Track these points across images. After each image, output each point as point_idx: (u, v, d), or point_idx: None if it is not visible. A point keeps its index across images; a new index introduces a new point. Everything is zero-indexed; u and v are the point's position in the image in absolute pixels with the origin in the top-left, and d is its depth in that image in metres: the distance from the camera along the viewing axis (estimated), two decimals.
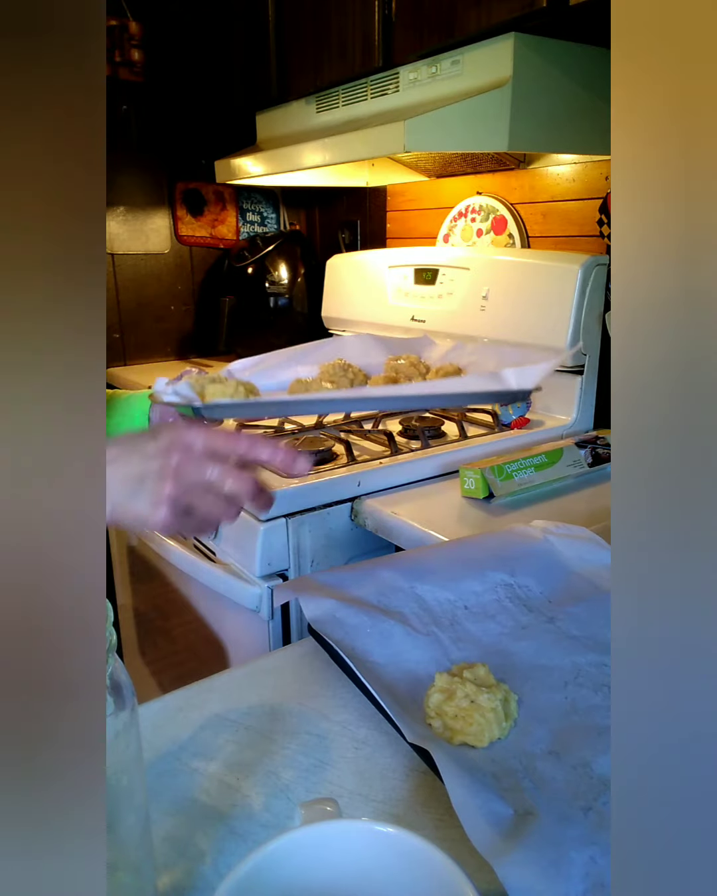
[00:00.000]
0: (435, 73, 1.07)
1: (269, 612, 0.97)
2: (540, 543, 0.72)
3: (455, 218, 1.54)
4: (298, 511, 0.97)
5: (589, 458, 1.07)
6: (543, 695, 0.54)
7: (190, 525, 0.52)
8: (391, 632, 0.60)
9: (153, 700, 0.58)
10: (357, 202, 1.83)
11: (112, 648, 0.34)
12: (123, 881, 0.38)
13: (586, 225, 1.30)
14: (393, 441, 1.10)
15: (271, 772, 0.50)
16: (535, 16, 0.91)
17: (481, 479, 0.96)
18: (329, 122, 1.29)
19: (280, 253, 1.81)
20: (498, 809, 0.42)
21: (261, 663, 0.63)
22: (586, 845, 0.40)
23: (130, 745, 0.36)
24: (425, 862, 0.33)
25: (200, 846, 0.44)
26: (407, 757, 0.51)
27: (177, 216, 1.87)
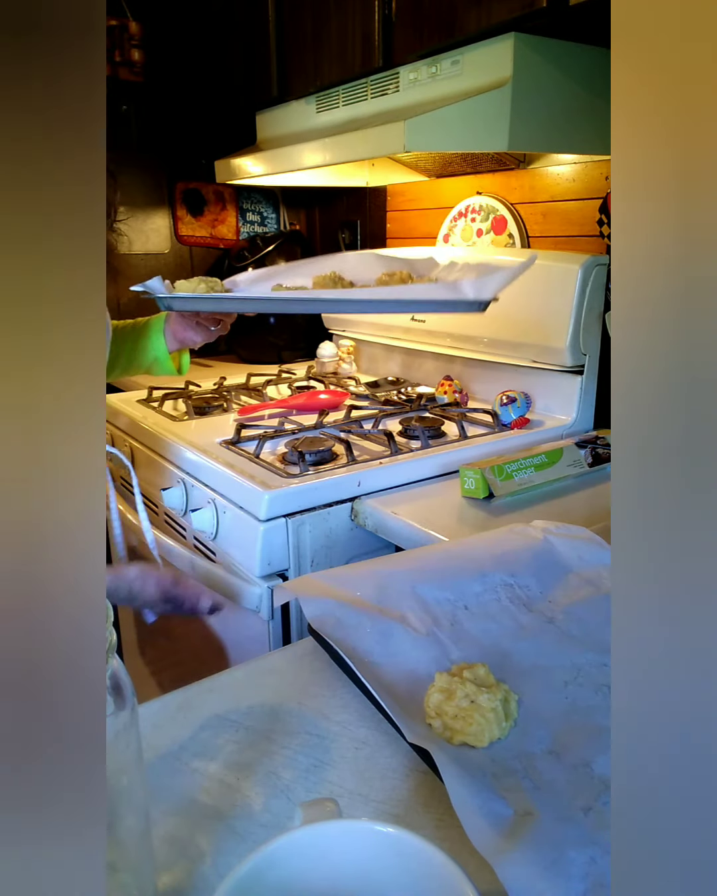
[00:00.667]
0: (435, 73, 1.07)
1: (269, 612, 0.97)
2: (540, 543, 0.72)
3: (455, 218, 1.54)
4: (298, 511, 0.97)
5: (589, 458, 1.07)
6: (543, 695, 0.54)
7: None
8: (391, 632, 0.60)
9: (153, 700, 0.58)
10: (357, 202, 1.83)
11: (112, 648, 0.34)
12: (123, 881, 0.38)
13: (586, 225, 1.30)
14: (393, 441, 1.10)
15: (271, 772, 0.50)
16: (535, 16, 0.91)
17: (481, 479, 0.96)
18: (329, 122, 1.29)
19: (280, 253, 1.81)
20: (498, 809, 0.42)
21: (261, 663, 0.63)
22: (586, 845, 0.40)
23: (130, 745, 0.36)
24: (425, 862, 0.33)
25: (200, 846, 0.44)
26: (407, 757, 0.51)
27: (177, 216, 1.87)
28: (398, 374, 1.60)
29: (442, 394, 1.36)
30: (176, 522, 1.18)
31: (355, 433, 1.18)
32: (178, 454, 1.16)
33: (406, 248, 1.56)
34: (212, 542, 1.07)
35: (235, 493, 1.01)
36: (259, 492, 0.95)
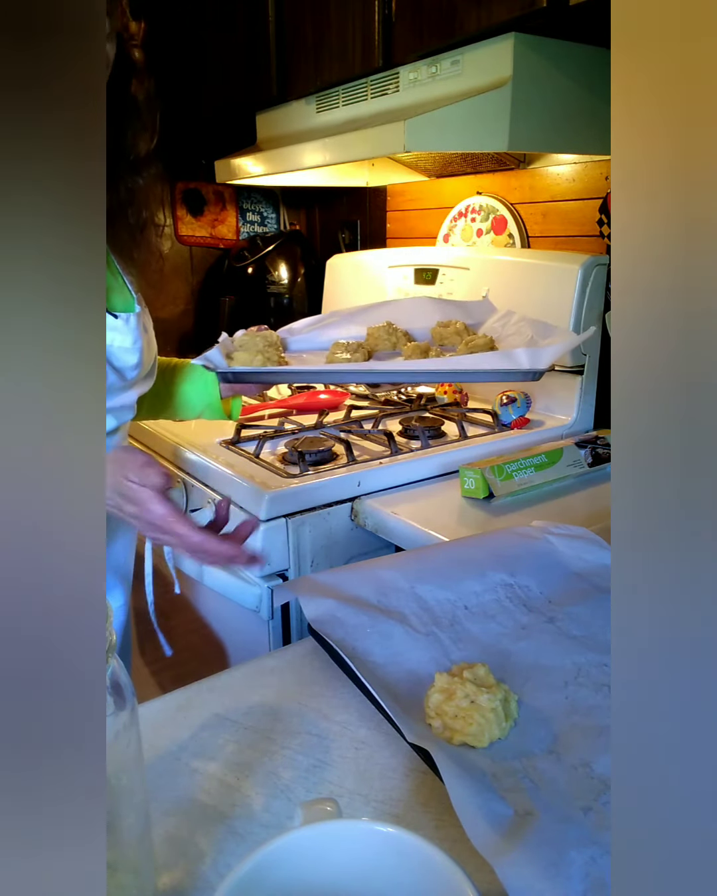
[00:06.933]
0: (435, 73, 1.07)
1: (269, 612, 0.97)
2: (540, 543, 0.72)
3: (455, 218, 1.54)
4: (298, 511, 0.97)
5: (589, 458, 1.07)
6: (543, 695, 0.54)
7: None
8: (391, 632, 0.60)
9: (153, 700, 0.58)
10: (357, 202, 1.83)
11: (112, 648, 0.34)
12: (123, 881, 0.38)
13: (586, 225, 1.30)
14: (393, 441, 1.10)
15: (271, 772, 0.50)
16: (535, 16, 0.91)
17: (481, 479, 0.96)
18: (329, 122, 1.29)
19: (280, 253, 1.81)
20: (498, 809, 0.42)
21: (261, 663, 0.63)
22: (586, 845, 0.40)
23: (130, 745, 0.36)
24: (425, 862, 0.33)
25: (200, 846, 0.44)
26: (407, 757, 0.51)
27: (177, 216, 1.87)
28: None
29: (442, 394, 1.36)
30: None
31: (355, 433, 1.18)
32: (178, 454, 1.16)
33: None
34: None
35: (236, 494, 1.01)
36: (259, 492, 0.95)
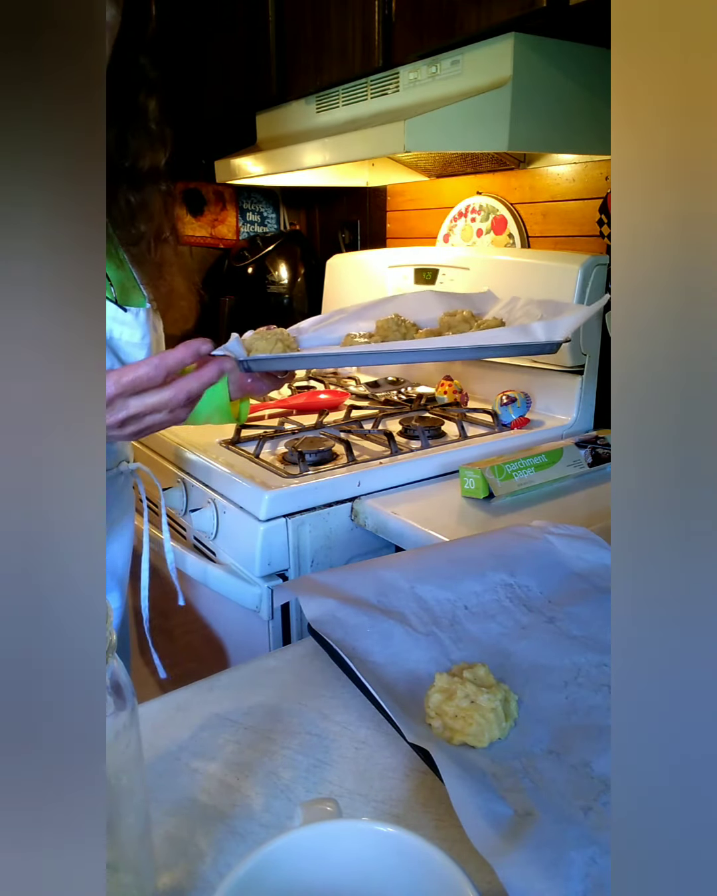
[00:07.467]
0: (435, 73, 1.07)
1: (269, 612, 0.97)
2: (540, 543, 0.72)
3: (455, 218, 1.54)
4: (298, 511, 0.97)
5: (589, 458, 1.07)
6: (543, 695, 0.54)
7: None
8: (391, 632, 0.60)
9: (153, 700, 0.58)
10: (357, 202, 1.83)
11: (112, 648, 0.34)
12: (123, 881, 0.38)
13: (586, 225, 1.30)
14: (393, 441, 1.10)
15: (271, 772, 0.50)
16: (535, 16, 0.91)
17: (481, 479, 0.96)
18: (329, 122, 1.29)
19: (280, 253, 1.81)
20: (498, 809, 0.42)
21: (261, 663, 0.63)
22: (586, 845, 0.40)
23: (130, 745, 0.36)
24: (425, 862, 0.33)
25: (200, 846, 0.44)
26: (407, 757, 0.51)
27: (177, 216, 1.87)
28: (398, 374, 1.60)
29: (442, 394, 1.36)
30: (176, 522, 1.18)
31: (355, 433, 1.18)
32: (178, 454, 1.16)
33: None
34: (212, 542, 1.07)
35: (236, 493, 1.01)
36: (259, 492, 0.95)
